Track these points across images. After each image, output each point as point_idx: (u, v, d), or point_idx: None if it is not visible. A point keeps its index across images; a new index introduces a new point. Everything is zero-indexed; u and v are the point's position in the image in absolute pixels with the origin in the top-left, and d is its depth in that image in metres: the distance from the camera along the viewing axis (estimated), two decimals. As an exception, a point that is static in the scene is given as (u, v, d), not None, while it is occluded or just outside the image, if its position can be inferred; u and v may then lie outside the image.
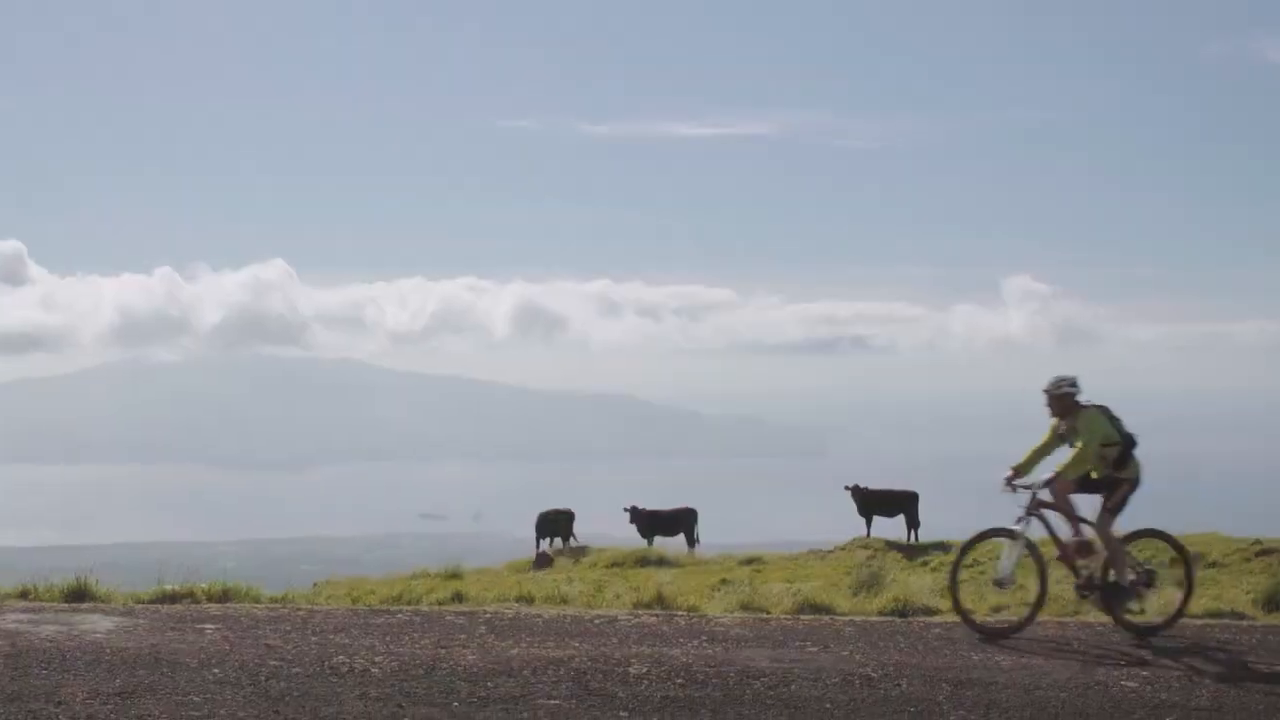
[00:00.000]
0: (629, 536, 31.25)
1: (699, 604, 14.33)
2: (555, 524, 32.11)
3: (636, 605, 14.21)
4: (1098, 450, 13.14)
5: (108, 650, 10.35)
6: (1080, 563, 13.28)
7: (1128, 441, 13.30)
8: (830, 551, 30.19)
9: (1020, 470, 13.40)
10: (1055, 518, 13.48)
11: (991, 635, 12.75)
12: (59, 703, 8.69)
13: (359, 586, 20.39)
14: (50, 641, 10.57)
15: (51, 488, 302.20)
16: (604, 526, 33.15)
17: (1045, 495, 13.27)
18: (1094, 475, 13.33)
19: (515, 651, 10.94)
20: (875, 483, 33.64)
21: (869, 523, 32.30)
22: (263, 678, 9.72)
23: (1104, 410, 13.37)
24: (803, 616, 13.52)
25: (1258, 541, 25.83)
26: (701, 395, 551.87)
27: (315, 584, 21.02)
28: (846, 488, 32.68)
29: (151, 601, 13.05)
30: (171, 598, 13.08)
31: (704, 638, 12.05)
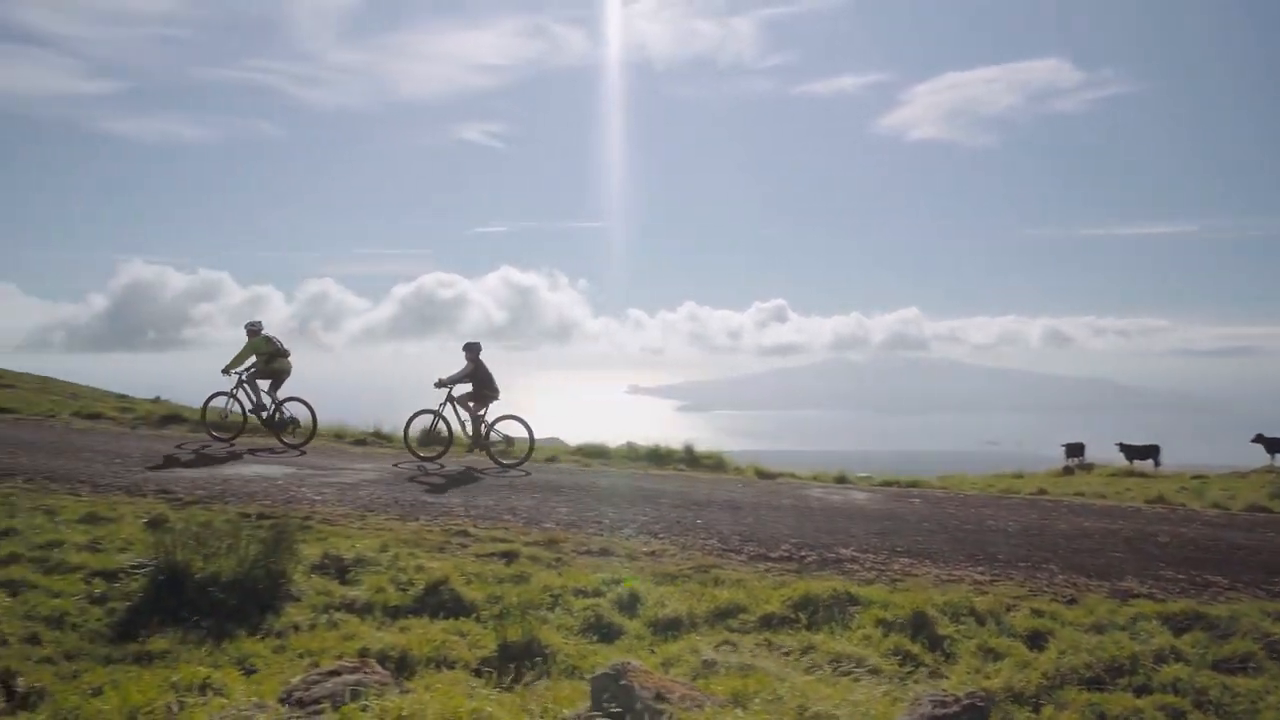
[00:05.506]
0: (1117, 459, 27.86)
1: (1186, 501, 12.58)
2: (1073, 449, 29.17)
3: (1146, 500, 12.65)
4: (253, 355, 12.88)
5: (868, 508, 10.52)
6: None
7: (277, 352, 13.04)
8: (1246, 474, 25.00)
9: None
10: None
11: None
12: (851, 537, 8.92)
13: (967, 481, 19.30)
14: (834, 503, 10.89)
15: (793, 421, 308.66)
16: (1098, 452, 29.52)
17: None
18: (271, 367, 13.03)
19: (1087, 524, 10.07)
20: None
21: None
22: (950, 527, 9.51)
23: (269, 338, 13.05)
24: (1257, 515, 11.52)
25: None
26: (1143, 377, 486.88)
27: (942, 476, 19.92)
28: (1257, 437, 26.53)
29: (880, 485, 13.05)
30: (888, 484, 13.02)
31: (1197, 523, 10.56)
